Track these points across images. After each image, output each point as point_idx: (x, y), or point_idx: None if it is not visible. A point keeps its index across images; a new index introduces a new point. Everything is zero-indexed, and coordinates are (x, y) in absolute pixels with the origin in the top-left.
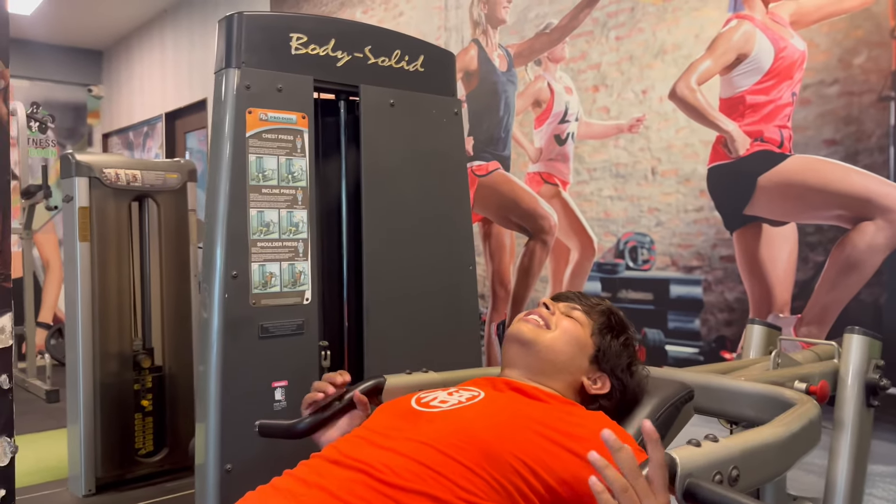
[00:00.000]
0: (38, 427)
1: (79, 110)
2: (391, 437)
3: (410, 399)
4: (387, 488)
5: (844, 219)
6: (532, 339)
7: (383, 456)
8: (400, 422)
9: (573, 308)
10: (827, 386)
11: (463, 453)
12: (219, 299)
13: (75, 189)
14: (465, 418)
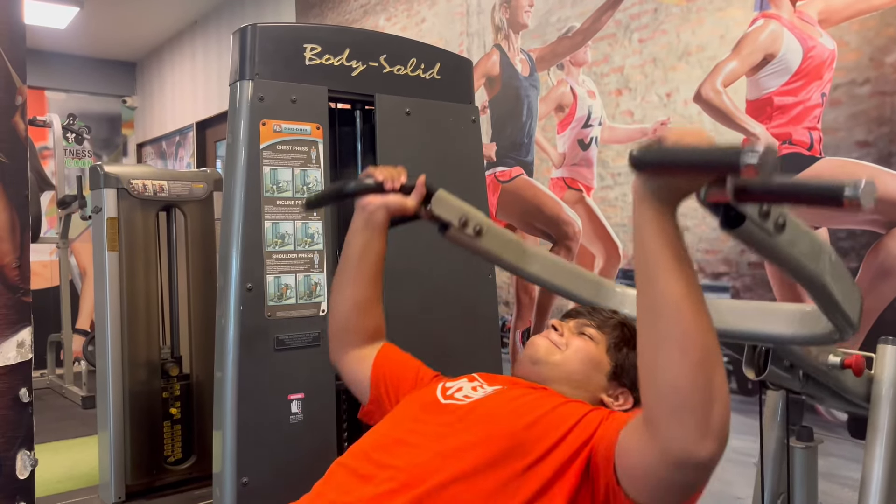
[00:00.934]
0: (74, 433)
1: (114, 121)
2: (417, 433)
3: (436, 390)
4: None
5: (878, 223)
6: (542, 357)
7: (412, 458)
8: (426, 416)
9: (585, 325)
10: (862, 360)
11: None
12: (234, 311)
13: (104, 200)
14: (483, 412)
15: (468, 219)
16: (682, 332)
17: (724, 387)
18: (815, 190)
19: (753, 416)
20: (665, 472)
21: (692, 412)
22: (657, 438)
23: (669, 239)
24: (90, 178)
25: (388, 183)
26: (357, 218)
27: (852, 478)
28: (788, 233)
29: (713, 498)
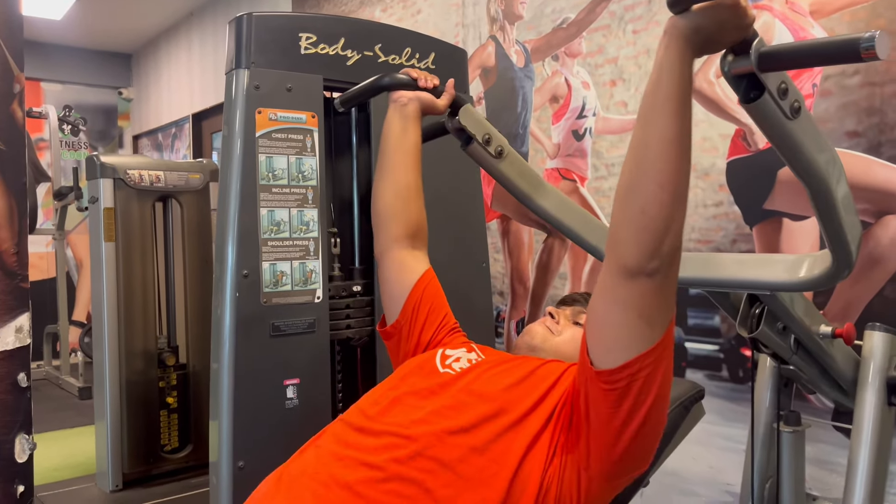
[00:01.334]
0: (71, 423)
1: (109, 113)
2: (415, 397)
3: (435, 357)
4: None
5: (867, 213)
6: (538, 344)
7: (408, 414)
8: (422, 380)
9: (580, 312)
10: (853, 328)
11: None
12: (230, 298)
13: (100, 190)
14: (479, 377)
15: (492, 138)
16: (665, 167)
17: (680, 224)
18: (832, 47)
19: (743, 403)
20: (622, 287)
21: (651, 235)
22: (616, 253)
23: (685, 84)
24: (87, 168)
25: (421, 81)
26: (391, 110)
27: (841, 464)
28: (803, 119)
29: (704, 484)
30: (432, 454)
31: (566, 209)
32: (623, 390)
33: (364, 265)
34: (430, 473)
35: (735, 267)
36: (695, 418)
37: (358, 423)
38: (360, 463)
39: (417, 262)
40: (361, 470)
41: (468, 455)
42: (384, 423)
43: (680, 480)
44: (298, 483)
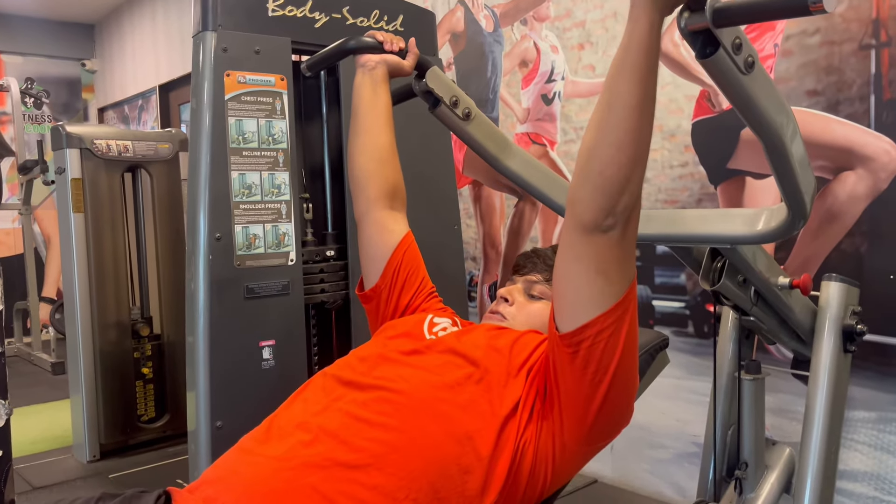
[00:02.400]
0: (45, 398)
1: (73, 85)
2: (401, 355)
3: (423, 323)
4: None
5: (826, 169)
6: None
7: (395, 370)
8: (409, 342)
9: (533, 283)
10: (809, 279)
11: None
12: (203, 261)
13: (67, 160)
14: (461, 342)
15: (459, 100)
16: (626, 133)
17: (637, 185)
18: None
19: (708, 358)
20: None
21: (607, 194)
22: (574, 210)
23: (648, 54)
24: (52, 138)
25: (387, 44)
26: (360, 74)
27: (799, 412)
28: (757, 74)
29: (672, 437)
30: (418, 408)
31: (532, 169)
32: (587, 352)
33: (337, 230)
34: (416, 426)
35: (697, 222)
36: (660, 366)
37: (346, 377)
38: (347, 414)
39: (397, 224)
40: (348, 421)
41: (453, 411)
42: (372, 377)
43: (648, 434)
44: (287, 432)
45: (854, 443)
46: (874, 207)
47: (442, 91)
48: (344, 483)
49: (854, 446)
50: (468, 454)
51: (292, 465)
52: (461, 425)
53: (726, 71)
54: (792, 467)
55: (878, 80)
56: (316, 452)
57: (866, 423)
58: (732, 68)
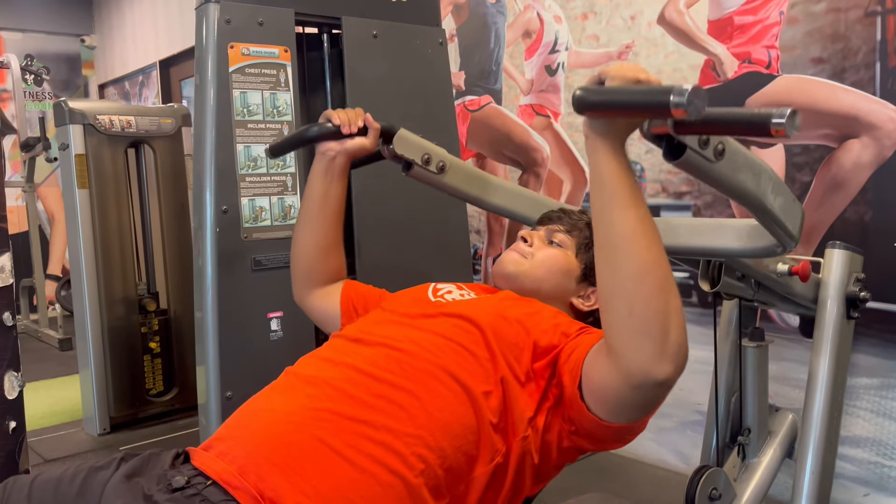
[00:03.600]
0: (54, 374)
1: (73, 61)
2: (408, 318)
3: (427, 290)
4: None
5: (831, 137)
6: (513, 272)
7: (402, 331)
8: (417, 307)
9: (554, 231)
10: (808, 266)
11: (466, 335)
12: (211, 234)
13: (70, 137)
14: (468, 308)
15: (431, 156)
16: (636, 261)
17: (679, 311)
18: (744, 120)
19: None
20: (627, 392)
21: (649, 337)
22: (618, 362)
23: (623, 176)
24: (55, 114)
25: (345, 127)
26: (317, 164)
27: (802, 380)
28: (728, 158)
29: (675, 405)
30: (424, 368)
31: (518, 199)
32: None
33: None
34: (421, 386)
35: (689, 235)
36: None
37: (354, 336)
38: (355, 370)
39: (336, 286)
40: (356, 376)
41: (459, 372)
42: (380, 336)
43: None
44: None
45: (856, 409)
46: (879, 175)
47: (412, 154)
48: (350, 436)
49: (856, 412)
50: (472, 415)
51: (299, 417)
52: (468, 387)
53: (696, 165)
54: (794, 433)
55: (884, 47)
56: (322, 406)
57: (868, 390)
58: (703, 162)
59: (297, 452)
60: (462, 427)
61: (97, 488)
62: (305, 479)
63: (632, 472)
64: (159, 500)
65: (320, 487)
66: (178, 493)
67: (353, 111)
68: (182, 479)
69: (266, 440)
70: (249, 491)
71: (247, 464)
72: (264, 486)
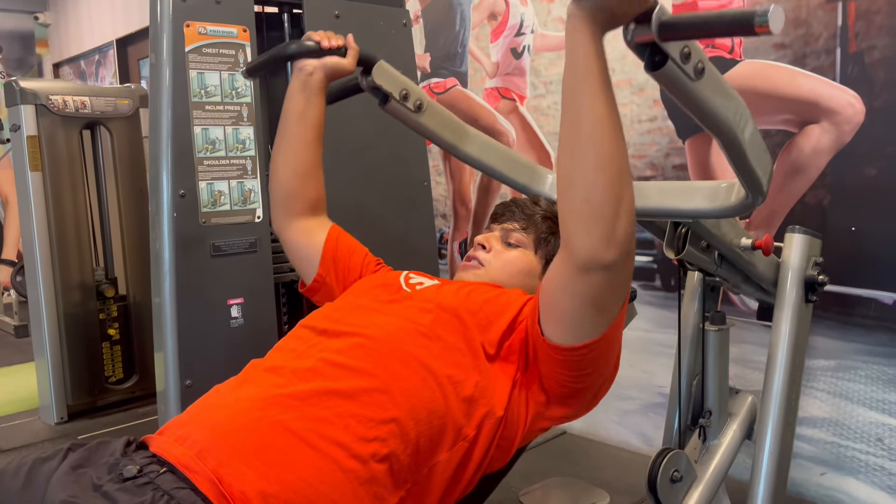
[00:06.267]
0: (9, 361)
1: (26, 39)
2: (377, 303)
3: (399, 277)
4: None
5: (792, 123)
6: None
7: (369, 317)
8: (387, 294)
9: (510, 231)
10: (771, 240)
11: (433, 319)
12: (168, 219)
13: (22, 117)
14: (437, 292)
15: (409, 92)
16: (599, 149)
17: (631, 203)
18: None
19: (674, 310)
20: (576, 282)
21: (600, 222)
22: (569, 248)
23: (598, 62)
24: (6, 94)
25: (324, 42)
26: (295, 80)
27: (762, 362)
28: (708, 79)
29: (638, 388)
30: (390, 353)
31: (491, 151)
32: (577, 363)
33: None
34: (388, 371)
35: (658, 196)
36: (627, 317)
37: (321, 326)
38: (321, 360)
39: (321, 224)
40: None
41: (427, 358)
42: (346, 324)
43: (616, 386)
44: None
45: (814, 390)
46: (838, 160)
47: (391, 86)
48: (312, 422)
49: (814, 394)
50: (439, 400)
51: (262, 404)
52: (434, 372)
53: (676, 80)
54: (754, 414)
55: (845, 33)
56: (286, 393)
57: (826, 372)
58: (682, 77)
59: (259, 438)
60: (428, 412)
61: (42, 480)
62: (267, 464)
63: (595, 455)
64: (109, 491)
65: (282, 473)
66: (129, 483)
67: (332, 32)
68: (134, 468)
69: (228, 426)
70: (207, 475)
71: (206, 448)
72: (224, 471)
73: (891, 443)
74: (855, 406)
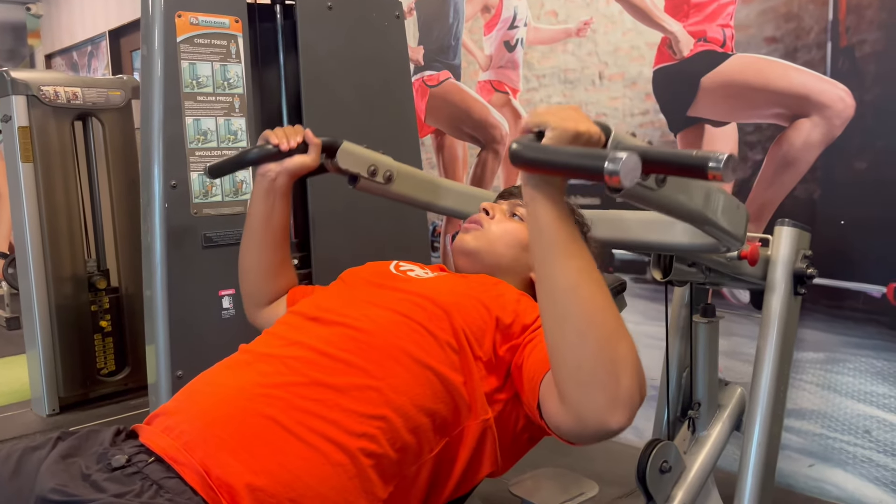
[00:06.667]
0: (1, 353)
1: (18, 30)
2: (369, 289)
3: (389, 265)
4: (363, 336)
5: (782, 117)
6: (473, 248)
7: (361, 309)
8: (380, 280)
9: (517, 205)
10: (757, 249)
11: (427, 315)
12: (159, 210)
13: (13, 108)
14: (431, 287)
15: (377, 167)
16: (580, 315)
17: (630, 358)
18: (682, 163)
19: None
20: (583, 435)
21: (600, 388)
22: (570, 411)
23: (561, 222)
24: None
25: (283, 144)
26: (257, 185)
27: (751, 354)
28: (670, 184)
29: None
30: (382, 347)
31: (468, 199)
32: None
33: (299, 238)
34: (378, 365)
35: (640, 229)
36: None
37: (311, 314)
38: (310, 349)
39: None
40: (311, 355)
41: (419, 353)
42: (337, 314)
43: None
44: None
45: (802, 382)
46: (828, 154)
47: (357, 166)
48: (301, 414)
49: (802, 386)
50: (428, 396)
51: (250, 394)
52: (424, 367)
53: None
54: (743, 406)
55: (836, 27)
56: (274, 382)
57: (814, 364)
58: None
59: (247, 430)
60: (417, 408)
61: (32, 469)
62: (254, 457)
63: (586, 447)
64: (97, 480)
65: (269, 465)
66: (117, 472)
67: (291, 128)
68: (122, 458)
69: (215, 417)
70: (195, 467)
71: (193, 440)
72: (211, 463)
73: (878, 435)
74: (843, 398)
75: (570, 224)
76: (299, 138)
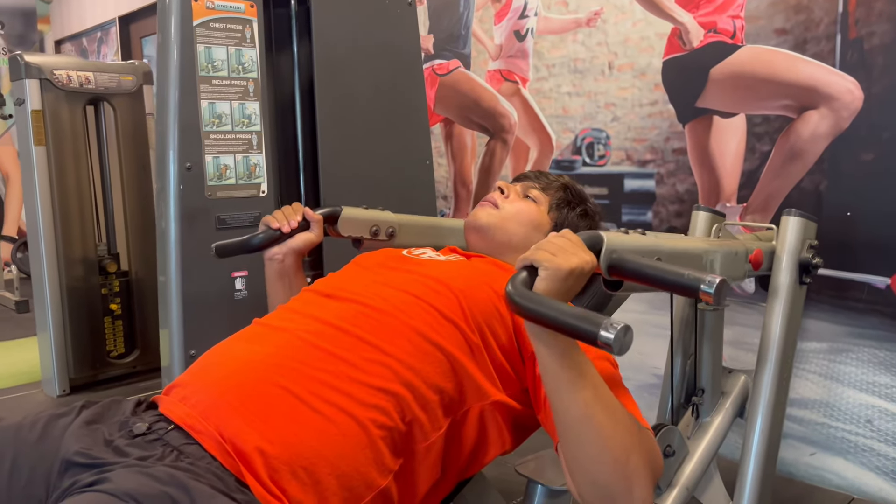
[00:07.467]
0: (11, 336)
1: (28, 16)
2: (382, 271)
3: (402, 250)
4: (376, 314)
5: (791, 108)
6: (485, 224)
7: (374, 289)
8: (392, 262)
9: (530, 187)
10: (761, 254)
11: (439, 297)
12: (174, 192)
13: (26, 91)
14: (444, 270)
15: (379, 226)
16: (591, 441)
17: (644, 466)
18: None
19: None
20: None
21: (615, 499)
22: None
23: (564, 361)
24: (10, 68)
25: (284, 227)
26: (269, 270)
27: (755, 343)
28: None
29: (634, 369)
30: (394, 326)
31: None
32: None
33: (312, 257)
34: (390, 343)
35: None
36: (619, 301)
37: (326, 291)
38: (324, 322)
39: None
40: (325, 328)
41: (430, 333)
42: (351, 292)
43: None
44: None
45: (806, 372)
46: (835, 145)
47: (359, 231)
48: (314, 384)
49: (806, 375)
50: (438, 374)
51: (264, 365)
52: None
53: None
54: (746, 393)
55: (845, 19)
56: (288, 354)
57: (818, 354)
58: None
59: (260, 398)
60: (426, 385)
61: (58, 434)
62: (268, 425)
63: None
64: (120, 445)
65: (282, 433)
66: (139, 439)
67: (289, 208)
68: (143, 426)
69: (229, 386)
70: (213, 434)
71: (208, 408)
72: (225, 429)
73: (880, 424)
74: (845, 388)
75: (573, 356)
76: (299, 217)
